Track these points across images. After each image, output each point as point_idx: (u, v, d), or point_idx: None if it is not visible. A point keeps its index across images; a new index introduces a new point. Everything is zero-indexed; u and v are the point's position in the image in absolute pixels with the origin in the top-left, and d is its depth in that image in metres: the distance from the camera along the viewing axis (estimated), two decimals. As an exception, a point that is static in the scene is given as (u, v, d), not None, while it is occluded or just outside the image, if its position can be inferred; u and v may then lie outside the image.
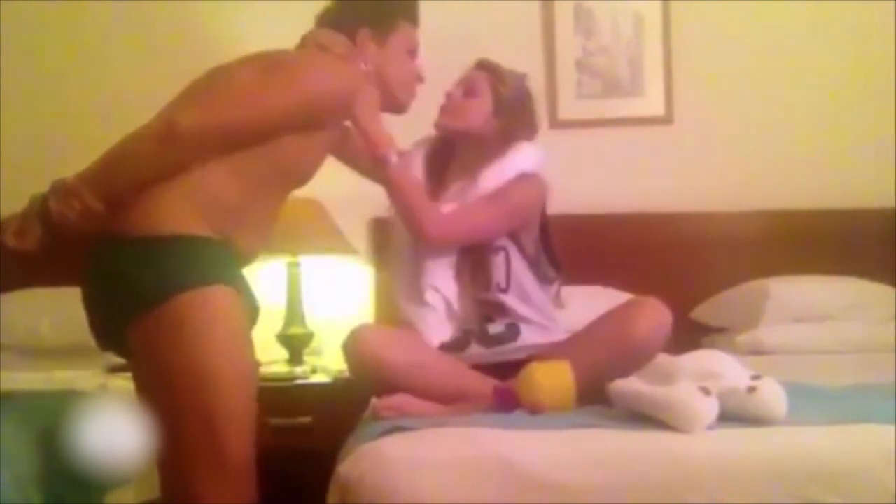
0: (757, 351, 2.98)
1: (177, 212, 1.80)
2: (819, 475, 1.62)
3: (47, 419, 2.23)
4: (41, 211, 1.81)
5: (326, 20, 2.12)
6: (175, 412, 1.78)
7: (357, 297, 3.35)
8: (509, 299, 2.26)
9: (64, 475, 2.17)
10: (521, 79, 2.38)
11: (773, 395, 1.79)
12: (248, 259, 1.95)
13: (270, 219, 1.99)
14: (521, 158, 2.30)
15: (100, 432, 2.25)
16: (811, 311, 3.12)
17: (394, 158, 2.11)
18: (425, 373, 2.09)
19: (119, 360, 2.95)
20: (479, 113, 2.31)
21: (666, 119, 3.54)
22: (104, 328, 1.87)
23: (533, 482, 1.63)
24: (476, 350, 2.25)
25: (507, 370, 2.12)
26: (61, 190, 1.81)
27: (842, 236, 3.33)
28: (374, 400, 2.11)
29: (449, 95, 2.37)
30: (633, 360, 1.99)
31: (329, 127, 1.96)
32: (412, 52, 2.17)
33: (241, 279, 1.87)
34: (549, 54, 3.55)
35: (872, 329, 3.05)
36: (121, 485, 2.43)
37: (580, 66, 3.56)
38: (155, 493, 2.56)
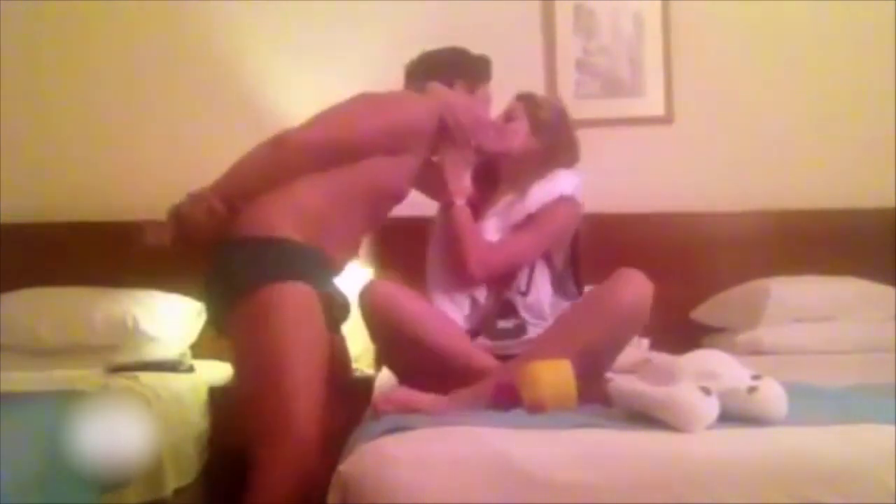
0: (757, 351, 2.98)
1: (275, 218, 2.16)
2: (819, 475, 1.62)
3: (47, 419, 2.23)
4: (175, 214, 2.18)
5: (426, 70, 2.49)
6: (251, 386, 2.11)
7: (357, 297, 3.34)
8: (524, 303, 2.34)
9: (64, 475, 2.17)
10: (557, 102, 2.59)
11: (773, 395, 1.79)
12: (337, 267, 2.31)
13: (359, 233, 2.39)
14: (564, 182, 2.41)
15: (100, 432, 2.25)
16: (811, 311, 3.12)
17: (460, 203, 2.37)
18: (434, 326, 2.19)
19: (119, 360, 2.98)
20: (518, 134, 2.44)
21: (666, 119, 3.54)
22: (215, 313, 2.24)
23: (533, 481, 1.62)
24: (482, 342, 2.31)
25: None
26: (192, 196, 2.18)
27: (842, 236, 3.33)
28: (374, 396, 2.11)
29: (493, 124, 2.50)
30: (623, 329, 2.12)
31: (413, 152, 2.34)
32: (488, 106, 2.54)
33: (324, 279, 2.21)
34: (549, 54, 3.55)
35: (872, 329, 3.05)
36: (121, 485, 2.43)
37: (580, 66, 3.56)
38: (155, 493, 2.57)
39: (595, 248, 3.16)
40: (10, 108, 3.54)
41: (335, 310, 2.26)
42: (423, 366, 2.16)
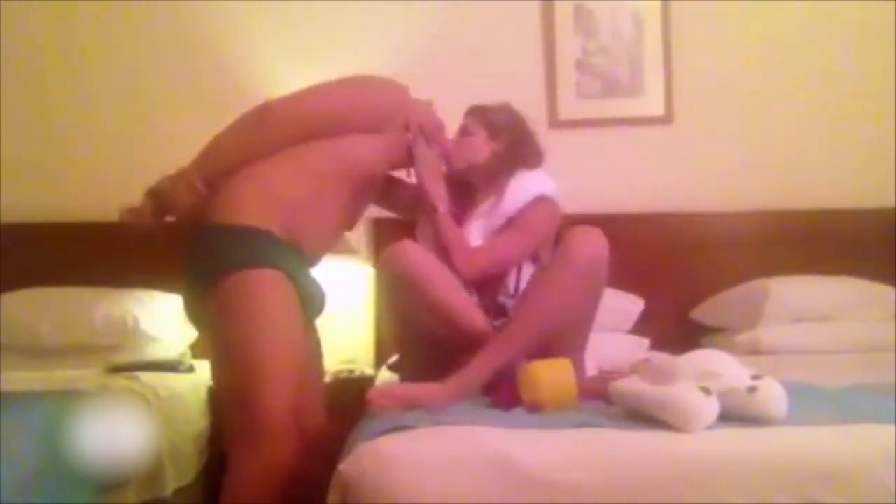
0: (757, 351, 2.97)
1: (248, 205, 2.13)
2: (819, 475, 1.62)
3: (47, 419, 2.23)
4: (154, 188, 2.14)
5: None
6: (222, 376, 2.10)
7: (357, 296, 3.35)
8: (513, 305, 2.34)
9: (64, 475, 2.17)
10: (506, 105, 2.55)
11: (773, 395, 1.79)
12: (312, 257, 2.27)
13: (336, 222, 2.36)
14: (539, 183, 2.44)
15: (100, 432, 2.25)
16: (811, 311, 3.12)
17: (441, 209, 2.38)
18: (446, 283, 2.20)
19: (119, 360, 2.98)
20: (478, 146, 2.48)
21: (666, 119, 3.54)
22: (187, 300, 2.18)
23: (533, 481, 1.63)
24: None
25: None
26: (173, 174, 2.15)
27: (842, 236, 3.33)
28: (368, 393, 2.11)
29: (451, 142, 2.53)
30: (585, 284, 2.16)
31: (387, 133, 2.34)
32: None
33: (296, 268, 2.16)
34: (549, 54, 3.55)
35: (872, 329, 3.05)
36: (121, 484, 2.43)
37: (580, 66, 3.56)
38: (155, 492, 2.57)
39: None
40: (11, 108, 3.54)
41: (310, 301, 2.22)
42: (430, 325, 2.18)
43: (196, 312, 2.17)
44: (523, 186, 2.42)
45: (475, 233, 2.42)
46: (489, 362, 2.10)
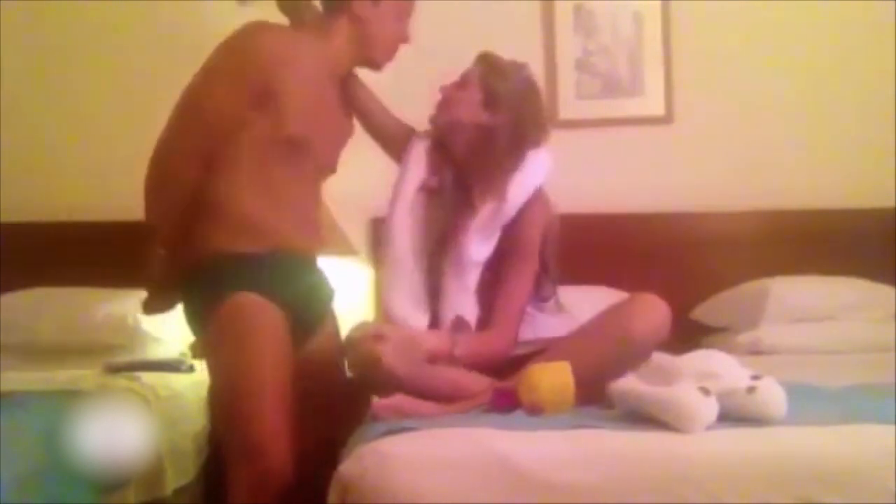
0: (757, 351, 2.98)
1: (214, 234, 2.07)
2: (819, 475, 1.62)
3: (47, 419, 2.23)
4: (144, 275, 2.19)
5: None
6: (215, 396, 2.16)
7: (357, 297, 3.35)
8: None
9: (64, 475, 2.18)
10: (521, 69, 2.31)
11: (773, 395, 1.79)
12: (305, 254, 2.20)
13: (309, 203, 2.21)
14: (537, 169, 2.27)
15: (100, 432, 2.26)
16: (811, 311, 3.12)
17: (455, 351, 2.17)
18: (422, 373, 2.08)
19: (119, 360, 2.98)
20: (467, 104, 2.23)
21: (666, 119, 3.54)
22: (193, 330, 2.19)
23: (533, 482, 1.63)
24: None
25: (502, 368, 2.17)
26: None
27: (842, 236, 3.32)
28: (373, 403, 2.10)
29: (443, 89, 2.32)
30: (633, 355, 2.00)
31: (289, 94, 2.09)
32: (402, 15, 2.25)
33: (278, 276, 2.08)
34: (549, 54, 3.55)
35: (872, 329, 3.05)
36: (121, 485, 2.43)
37: (580, 66, 3.56)
38: (154, 492, 2.57)
39: (596, 248, 3.19)
40: (11, 107, 3.54)
41: (305, 307, 2.15)
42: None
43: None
44: (522, 185, 2.23)
45: (475, 248, 2.22)
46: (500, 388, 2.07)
